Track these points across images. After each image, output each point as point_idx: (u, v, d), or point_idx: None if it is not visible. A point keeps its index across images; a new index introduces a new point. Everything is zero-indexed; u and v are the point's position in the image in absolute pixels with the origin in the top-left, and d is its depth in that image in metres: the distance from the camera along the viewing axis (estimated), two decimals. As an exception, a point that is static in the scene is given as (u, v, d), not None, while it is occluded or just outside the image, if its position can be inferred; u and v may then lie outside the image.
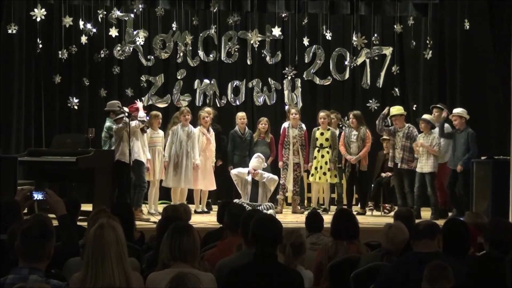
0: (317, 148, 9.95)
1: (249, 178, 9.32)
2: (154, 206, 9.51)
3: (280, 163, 10.06)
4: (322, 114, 10.05)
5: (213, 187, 9.88)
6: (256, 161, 9.39)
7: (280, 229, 3.82)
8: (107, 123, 9.28)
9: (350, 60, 11.53)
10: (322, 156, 9.90)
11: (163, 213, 5.52)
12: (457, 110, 9.51)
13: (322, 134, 9.96)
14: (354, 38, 11.34)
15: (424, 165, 9.39)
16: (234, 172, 9.47)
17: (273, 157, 10.19)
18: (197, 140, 9.67)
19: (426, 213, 9.46)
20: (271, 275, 3.63)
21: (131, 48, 11.20)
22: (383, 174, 10.05)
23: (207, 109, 10.30)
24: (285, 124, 10.15)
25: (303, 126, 10.14)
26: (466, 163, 9.13)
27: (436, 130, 9.58)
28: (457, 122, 9.41)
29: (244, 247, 4.23)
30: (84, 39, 10.71)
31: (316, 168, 9.89)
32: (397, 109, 9.76)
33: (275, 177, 9.45)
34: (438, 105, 10.07)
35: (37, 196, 4.18)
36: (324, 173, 9.88)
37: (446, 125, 9.64)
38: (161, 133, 9.62)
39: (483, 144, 9.71)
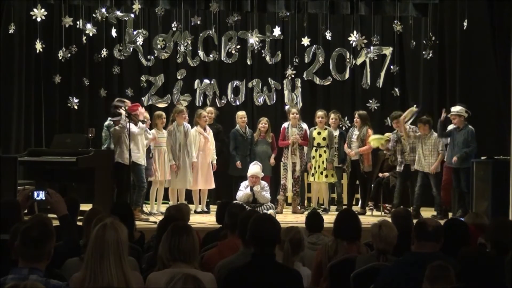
0: (314, 148, 9.96)
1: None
2: (156, 206, 9.52)
3: (272, 161, 10.13)
4: (320, 113, 10.08)
5: (212, 186, 9.87)
6: (255, 167, 9.39)
7: (279, 229, 3.81)
8: (107, 122, 9.33)
9: (349, 60, 11.53)
10: (320, 156, 9.91)
11: (166, 213, 5.52)
12: (456, 109, 9.44)
13: (319, 133, 9.97)
14: (353, 38, 11.31)
15: (429, 165, 9.39)
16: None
17: (275, 154, 10.23)
18: (195, 139, 9.66)
19: (425, 213, 9.44)
20: (270, 275, 3.61)
21: (131, 48, 11.20)
22: (381, 174, 10.04)
23: (209, 108, 10.34)
24: (285, 124, 10.17)
25: (303, 125, 10.15)
26: (464, 157, 9.12)
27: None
28: (456, 121, 9.37)
29: (242, 247, 4.18)
30: (84, 39, 10.71)
31: (315, 168, 9.91)
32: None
33: (268, 197, 9.37)
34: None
35: (39, 196, 4.17)
36: (322, 173, 9.90)
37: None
38: (165, 133, 9.61)
39: (483, 144, 9.69)
